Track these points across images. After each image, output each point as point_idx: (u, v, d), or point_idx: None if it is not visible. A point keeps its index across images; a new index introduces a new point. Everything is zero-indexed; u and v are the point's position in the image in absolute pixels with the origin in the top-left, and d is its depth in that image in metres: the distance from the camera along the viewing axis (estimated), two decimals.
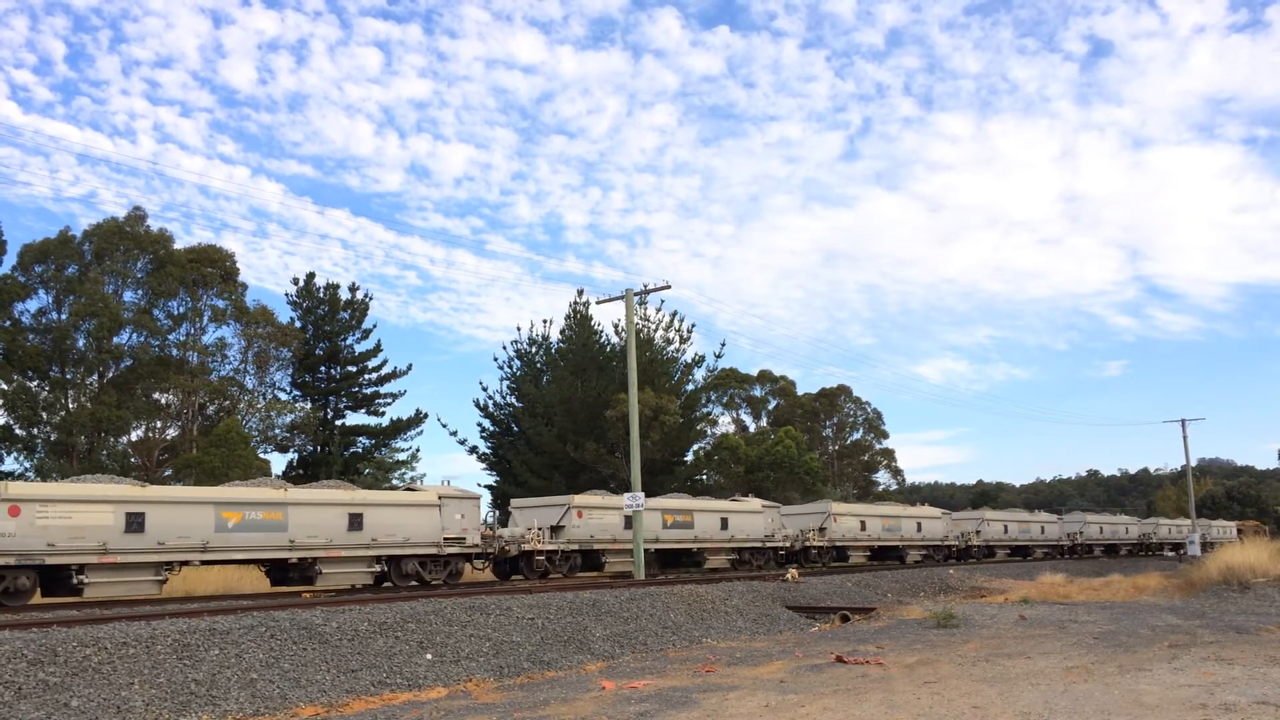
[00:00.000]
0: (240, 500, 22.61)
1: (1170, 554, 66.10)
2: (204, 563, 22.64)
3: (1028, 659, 15.01)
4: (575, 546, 29.67)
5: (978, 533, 50.88)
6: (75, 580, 19.87)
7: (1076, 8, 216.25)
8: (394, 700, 13.01)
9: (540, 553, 28.57)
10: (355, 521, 24.31)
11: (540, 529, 28.83)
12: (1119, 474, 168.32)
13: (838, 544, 40.58)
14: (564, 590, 21.59)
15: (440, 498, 26.44)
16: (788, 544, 37.64)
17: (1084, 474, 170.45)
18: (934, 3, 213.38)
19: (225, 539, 21.98)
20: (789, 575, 28.38)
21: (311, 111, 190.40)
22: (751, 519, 36.20)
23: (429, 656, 15.18)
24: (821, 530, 39.70)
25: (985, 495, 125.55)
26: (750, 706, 11.40)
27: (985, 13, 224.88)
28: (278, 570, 24.05)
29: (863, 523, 42.23)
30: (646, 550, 31.66)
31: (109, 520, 20.36)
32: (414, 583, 25.30)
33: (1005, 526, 53.88)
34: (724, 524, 34.91)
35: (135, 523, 20.68)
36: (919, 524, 45.95)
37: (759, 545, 36.13)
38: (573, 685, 13.81)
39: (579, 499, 30.64)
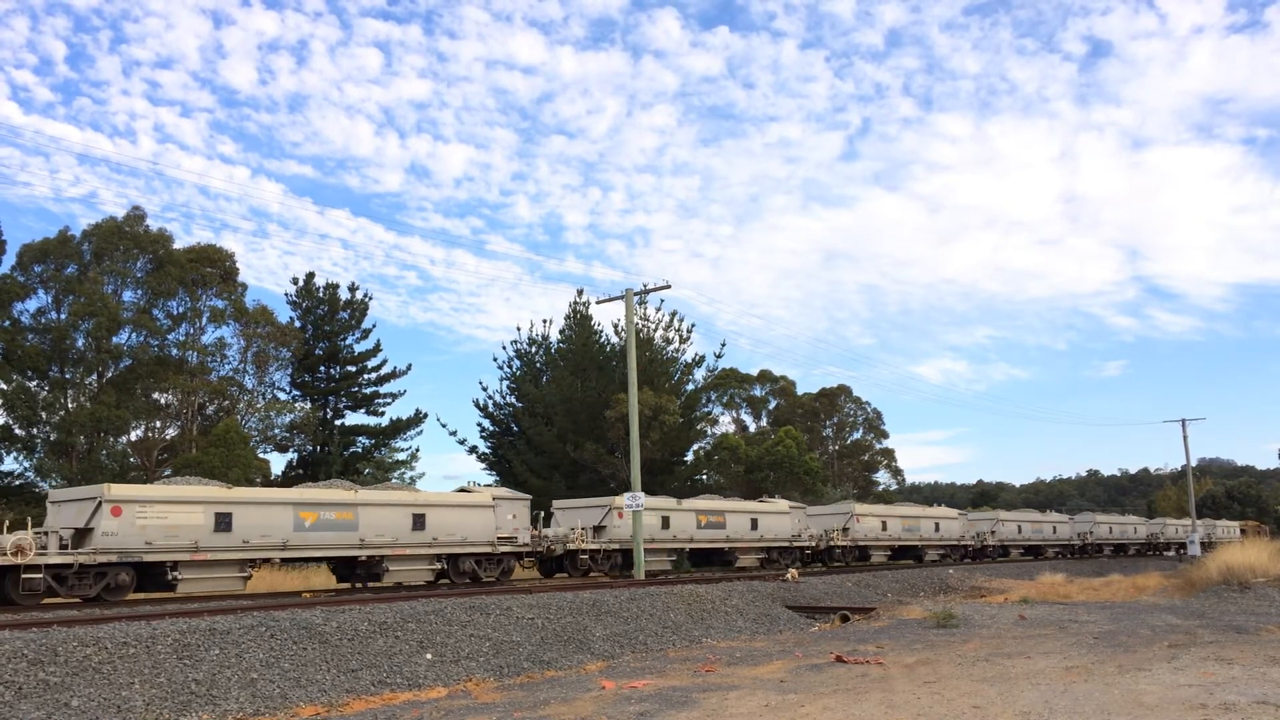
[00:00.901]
0: (316, 501, 23.85)
1: (1170, 554, 66.16)
2: (284, 560, 24.06)
3: (1028, 659, 15.01)
4: (616, 546, 30.67)
5: (992, 533, 51.72)
6: (170, 576, 21.05)
7: (1075, 8, 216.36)
8: (394, 700, 13.00)
9: (584, 552, 29.70)
10: (419, 521, 25.47)
11: (584, 529, 29.93)
12: (1119, 474, 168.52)
13: (860, 544, 41.58)
14: (564, 590, 21.62)
15: (494, 499, 27.65)
16: (813, 543, 38.78)
17: (1084, 474, 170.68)
18: (933, 3, 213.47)
19: (303, 538, 23.20)
20: (789, 575, 28.40)
21: (311, 112, 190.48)
22: (779, 519, 37.42)
23: (429, 656, 15.17)
24: (845, 530, 40.70)
25: (985, 495, 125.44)
26: (750, 706, 11.39)
27: (984, 13, 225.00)
28: (345, 568, 25.26)
29: (884, 523, 43.22)
30: (681, 549, 33.42)
31: (200, 520, 21.59)
32: (468, 580, 26.45)
33: (1019, 527, 54.79)
34: (754, 524, 36.20)
35: (223, 522, 21.89)
36: (937, 524, 46.88)
37: (786, 545, 37.38)
38: (573, 685, 13.81)
39: (619, 500, 31.65)
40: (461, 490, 29.17)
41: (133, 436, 45.97)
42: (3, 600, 19.65)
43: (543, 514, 30.48)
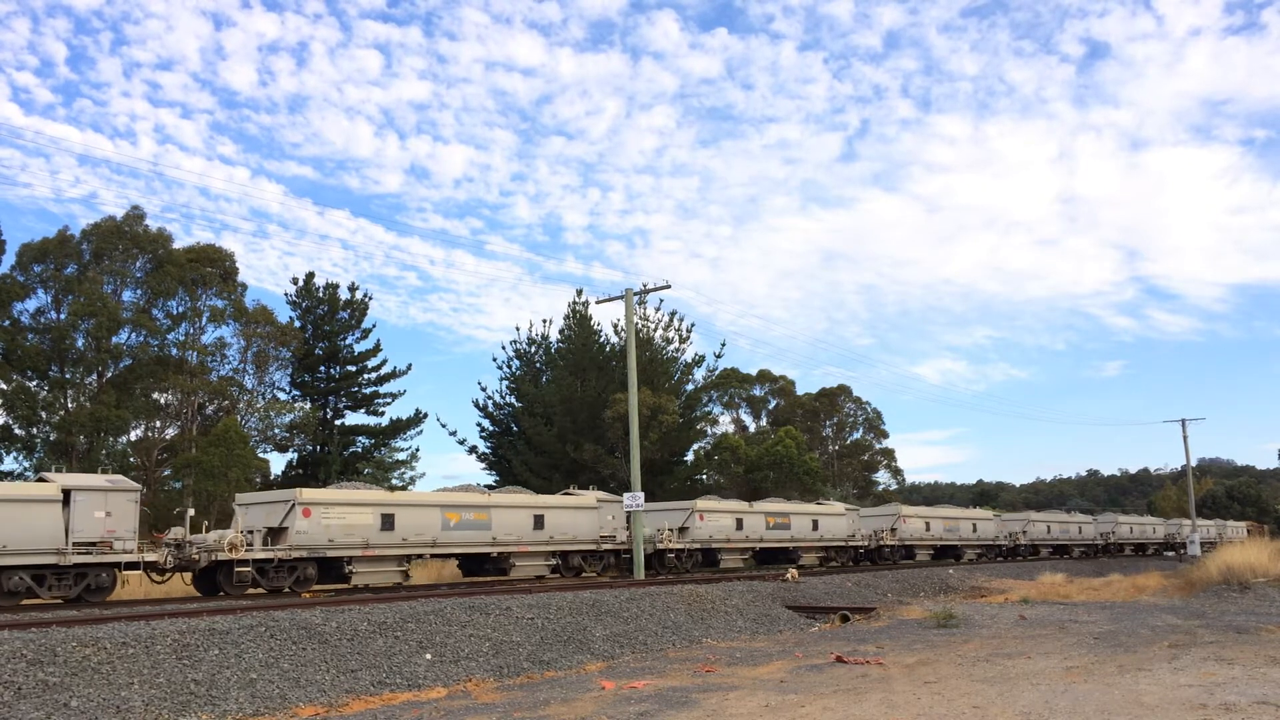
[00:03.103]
0: (459, 504, 26.54)
1: (1170, 554, 66.33)
2: (433, 556, 26.84)
3: (1028, 659, 15.00)
4: (697, 545, 32.81)
5: (1024, 533, 53.71)
6: (346, 570, 23.67)
7: (1073, 10, 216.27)
8: (394, 700, 12.99)
9: (670, 551, 31.87)
10: (539, 522, 28.05)
11: (670, 530, 32.00)
12: (1119, 474, 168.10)
13: (907, 543, 43.87)
14: (564, 590, 21.63)
15: (598, 501, 30.14)
16: (865, 543, 41.19)
17: (1084, 474, 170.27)
18: (931, 5, 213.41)
19: (449, 536, 25.85)
20: (789, 575, 28.40)
21: (311, 113, 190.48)
22: (837, 521, 39.73)
23: (429, 656, 15.16)
24: (893, 531, 42.80)
25: (985, 495, 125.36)
26: (750, 706, 11.38)
27: (982, 15, 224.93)
28: (474, 563, 27.80)
29: (927, 524, 45.58)
30: (752, 548, 35.83)
31: (369, 520, 24.24)
32: (574, 574, 28.72)
33: (1048, 527, 56.90)
34: (814, 525, 38.45)
35: (388, 522, 24.54)
36: (974, 525, 49.36)
37: (842, 544, 39.68)
38: (573, 685, 13.79)
39: (700, 503, 34.04)
40: (564, 494, 31.49)
41: (133, 436, 45.96)
42: (213, 589, 22.21)
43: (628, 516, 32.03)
